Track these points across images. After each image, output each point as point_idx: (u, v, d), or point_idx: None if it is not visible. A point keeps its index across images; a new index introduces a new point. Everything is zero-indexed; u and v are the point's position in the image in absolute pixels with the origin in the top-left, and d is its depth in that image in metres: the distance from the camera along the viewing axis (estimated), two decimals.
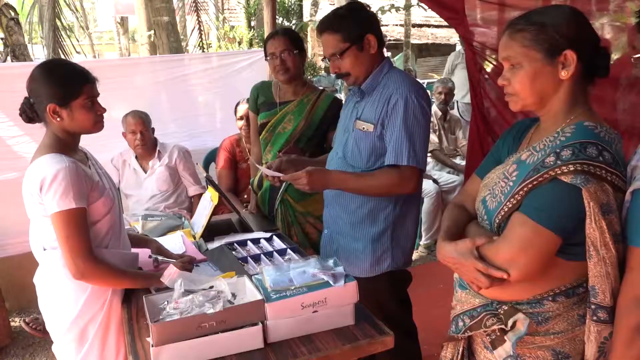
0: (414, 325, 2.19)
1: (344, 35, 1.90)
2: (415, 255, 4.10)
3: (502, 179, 1.28)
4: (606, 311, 1.15)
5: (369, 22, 1.94)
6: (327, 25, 1.94)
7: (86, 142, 1.85)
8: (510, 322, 1.22)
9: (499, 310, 1.26)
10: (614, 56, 2.51)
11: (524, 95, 1.25)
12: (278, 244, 2.15)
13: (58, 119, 1.69)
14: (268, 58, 2.50)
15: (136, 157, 3.33)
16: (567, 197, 1.12)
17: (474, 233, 1.30)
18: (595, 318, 1.17)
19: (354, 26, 1.90)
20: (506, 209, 1.22)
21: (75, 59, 7.54)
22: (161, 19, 6.88)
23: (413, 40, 16.05)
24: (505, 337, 1.24)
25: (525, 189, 1.18)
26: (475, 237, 1.25)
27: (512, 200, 1.21)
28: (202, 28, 7.86)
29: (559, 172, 1.12)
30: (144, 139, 3.20)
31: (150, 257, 1.94)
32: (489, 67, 2.94)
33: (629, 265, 1.14)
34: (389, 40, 16.89)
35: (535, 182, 1.16)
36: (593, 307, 1.17)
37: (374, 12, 9.58)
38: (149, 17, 7.30)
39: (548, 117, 1.27)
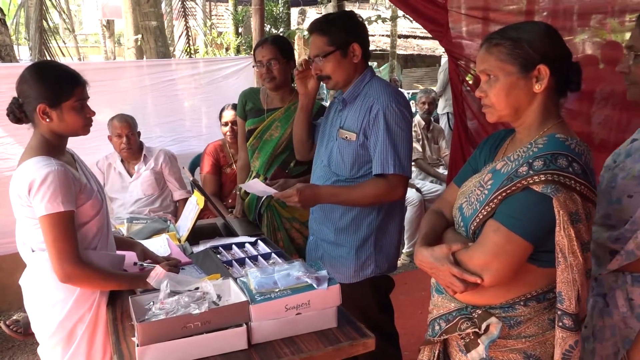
0: (395, 330, 2.23)
1: (331, 38, 1.96)
2: (398, 263, 4.15)
3: (478, 187, 1.33)
4: (571, 318, 1.20)
5: (357, 31, 2.00)
6: (317, 26, 2.00)
7: (72, 145, 1.87)
8: (483, 326, 1.28)
9: (473, 314, 1.31)
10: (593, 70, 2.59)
11: (500, 107, 1.31)
12: (263, 248, 2.18)
13: (47, 120, 1.70)
14: (256, 65, 2.54)
15: (122, 161, 3.34)
16: (538, 206, 1.18)
17: (451, 239, 1.36)
18: (561, 324, 1.22)
19: (342, 32, 1.95)
20: (481, 216, 1.27)
21: (62, 61, 7.49)
22: (149, 23, 6.89)
23: (399, 51, 16.24)
24: (479, 341, 1.29)
25: (499, 197, 1.24)
26: (451, 243, 1.30)
27: (486, 207, 1.26)
28: (189, 33, 7.88)
29: (531, 181, 1.18)
30: (130, 142, 3.21)
31: (135, 264, 1.96)
32: (472, 80, 3.01)
33: None
34: (375, 50, 17.06)
35: (508, 191, 1.22)
36: (559, 312, 1.22)
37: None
38: (136, 21, 7.30)
39: (523, 129, 1.34)
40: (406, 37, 17.74)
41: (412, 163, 4.57)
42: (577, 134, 1.65)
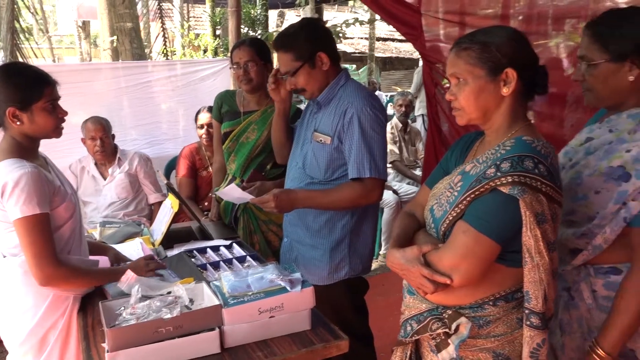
0: (369, 331, 2.24)
1: (295, 54, 1.96)
2: (374, 265, 4.18)
3: (448, 189, 1.35)
4: (538, 317, 1.23)
5: (320, 40, 1.99)
6: (279, 44, 2.00)
7: (44, 147, 1.84)
8: (453, 326, 1.29)
9: (444, 315, 1.33)
10: (564, 74, 2.65)
11: (469, 110, 1.33)
12: (238, 251, 2.17)
13: (18, 123, 1.67)
14: (233, 67, 2.53)
15: (95, 164, 3.29)
16: (506, 207, 1.20)
17: (422, 241, 1.37)
18: (528, 323, 1.25)
19: (305, 45, 1.95)
20: (451, 218, 1.29)
21: (34, 62, 7.36)
22: (124, 24, 6.82)
23: (377, 54, 16.36)
24: (449, 341, 1.30)
25: (468, 198, 1.25)
26: (422, 245, 1.32)
27: (456, 209, 1.28)
28: (166, 35, 7.81)
29: (499, 183, 1.20)
30: (104, 145, 3.17)
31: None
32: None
33: (638, 245, 1.33)
34: (354, 52, 17.15)
35: (477, 193, 1.24)
36: (527, 311, 1.25)
37: (330, 27, 9.73)
38: (112, 22, 7.22)
39: (491, 131, 1.36)
40: (384, 39, 17.88)
41: (389, 165, 4.62)
42: (549, 137, 1.69)
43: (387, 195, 4.36)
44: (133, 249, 2.23)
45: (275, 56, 2.18)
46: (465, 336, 1.28)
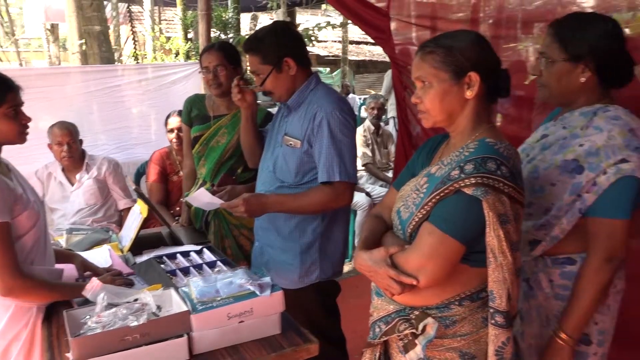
0: (341, 334, 2.25)
1: (263, 57, 1.97)
2: (348, 267, 4.18)
3: (414, 191, 1.37)
4: (503, 316, 1.26)
5: (287, 45, 1.99)
6: (248, 46, 2.01)
7: (9, 153, 1.79)
8: (420, 327, 1.30)
9: (411, 316, 1.34)
10: (531, 77, 2.70)
11: (434, 112, 1.35)
12: (208, 256, 2.15)
13: None
14: (202, 71, 2.52)
15: (62, 170, 3.23)
16: (469, 208, 1.22)
17: (389, 242, 1.38)
18: (493, 322, 1.27)
19: (272, 50, 1.96)
20: (417, 219, 1.30)
21: (0, 66, 7.19)
22: (92, 28, 6.71)
23: (351, 57, 16.42)
24: (416, 341, 1.31)
25: (433, 200, 1.27)
26: (389, 246, 1.33)
27: (422, 210, 1.29)
28: (136, 38, 7.70)
29: (462, 184, 1.22)
30: (71, 150, 3.11)
31: (77, 280, 1.90)
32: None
33: (596, 233, 1.43)
34: (328, 56, 17.20)
35: (442, 194, 1.25)
36: (492, 310, 1.27)
37: (302, 30, 9.76)
38: (80, 25, 7.09)
39: (456, 134, 1.38)
40: (358, 43, 17.95)
41: (362, 167, 4.65)
42: (517, 139, 1.75)
43: (360, 198, 4.38)
44: (101, 256, 2.19)
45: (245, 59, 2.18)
46: (432, 336, 1.29)
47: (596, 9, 2.18)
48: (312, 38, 10.09)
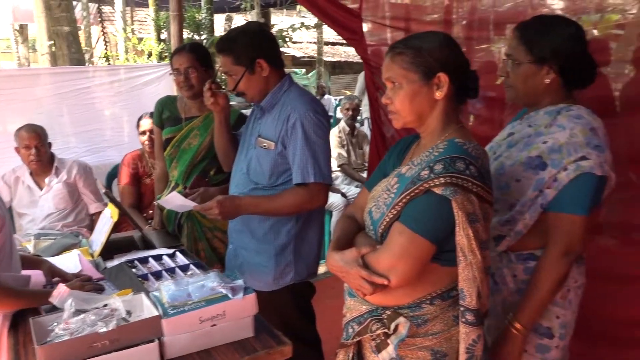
0: (317, 336, 2.24)
1: (235, 58, 1.95)
2: (323, 268, 4.18)
3: (385, 191, 1.37)
4: (473, 314, 1.27)
5: (260, 46, 1.98)
6: (221, 47, 1.99)
7: None
8: (392, 326, 1.31)
9: (383, 315, 1.34)
10: (501, 78, 2.74)
11: (405, 113, 1.35)
12: (181, 259, 2.12)
13: None
14: (173, 73, 2.48)
15: (31, 174, 3.15)
16: (439, 207, 1.23)
17: (361, 243, 1.38)
18: (464, 320, 1.29)
19: (245, 51, 1.94)
20: (388, 219, 1.31)
21: None
22: (61, 28, 6.58)
23: (326, 58, 16.46)
24: (389, 341, 1.32)
25: (404, 200, 1.28)
26: (360, 247, 1.33)
27: (392, 210, 1.30)
28: (107, 39, 7.57)
29: (432, 184, 1.23)
30: (40, 154, 3.04)
31: (45, 286, 1.85)
32: None
33: (555, 228, 1.47)
34: (303, 57, 17.21)
35: (412, 194, 1.26)
36: (462, 309, 1.29)
37: (276, 31, 9.73)
38: (48, 26, 6.95)
39: (426, 134, 1.39)
40: (333, 44, 18.00)
41: (338, 168, 4.65)
42: (488, 139, 1.77)
43: (336, 199, 4.39)
44: (70, 262, 2.14)
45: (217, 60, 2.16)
46: (404, 336, 1.30)
47: (565, 11, 2.22)
48: (287, 39, 10.07)
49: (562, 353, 1.60)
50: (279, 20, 13.94)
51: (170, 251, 2.20)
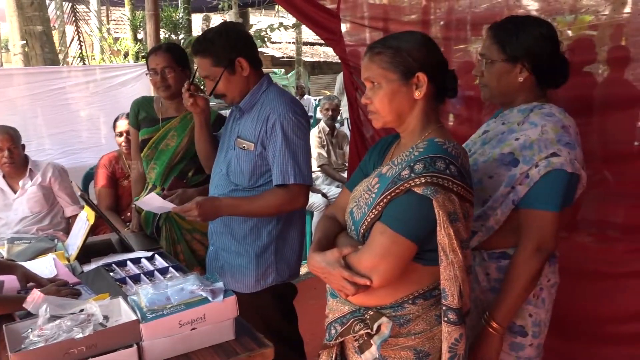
0: (299, 337, 2.23)
1: (214, 59, 1.93)
2: (305, 269, 4.17)
3: (366, 191, 1.37)
4: (455, 313, 1.28)
5: (239, 45, 1.96)
6: (198, 49, 1.96)
7: None
8: (375, 326, 1.31)
9: (366, 316, 1.34)
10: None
11: (384, 113, 1.35)
12: (160, 262, 2.09)
13: None
14: (150, 73, 2.45)
15: (4, 176, 3.08)
16: (420, 207, 1.23)
17: (342, 243, 1.38)
18: (446, 319, 1.29)
19: (223, 51, 1.92)
20: (369, 219, 1.31)
21: None
22: (34, 28, 6.45)
23: (305, 58, 16.45)
24: (371, 341, 1.31)
25: (385, 200, 1.27)
26: (342, 247, 1.32)
27: (374, 210, 1.30)
28: (82, 39, 7.44)
29: (413, 184, 1.23)
30: (13, 156, 2.97)
31: (19, 292, 1.80)
32: None
33: (527, 225, 1.48)
34: (283, 57, 17.16)
35: (393, 194, 1.26)
36: (444, 308, 1.29)
37: (255, 31, 9.69)
38: (21, 25, 6.81)
39: (406, 134, 1.39)
40: (312, 44, 17.99)
41: (318, 168, 4.65)
42: (467, 139, 1.78)
43: (317, 199, 4.38)
44: (45, 266, 2.09)
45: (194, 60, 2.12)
46: (387, 336, 1.30)
47: (540, 12, 2.25)
48: (265, 39, 10.03)
49: (537, 351, 1.61)
50: (257, 20, 13.88)
51: (149, 254, 2.17)
